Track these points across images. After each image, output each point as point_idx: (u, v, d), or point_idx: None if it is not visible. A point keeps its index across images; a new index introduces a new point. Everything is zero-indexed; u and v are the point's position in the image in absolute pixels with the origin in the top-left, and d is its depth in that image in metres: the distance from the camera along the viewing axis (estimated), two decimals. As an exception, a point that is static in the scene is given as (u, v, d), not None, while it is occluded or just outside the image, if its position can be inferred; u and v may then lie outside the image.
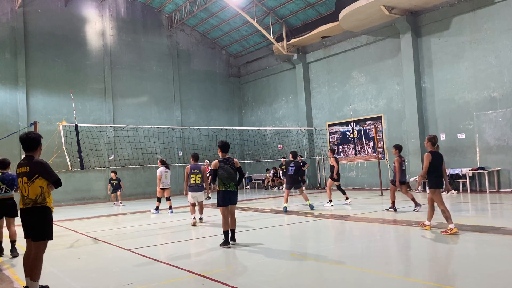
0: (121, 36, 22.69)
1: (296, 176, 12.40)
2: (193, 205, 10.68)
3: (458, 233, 7.53)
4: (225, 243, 7.53)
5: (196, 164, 10.64)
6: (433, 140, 8.03)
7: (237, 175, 7.75)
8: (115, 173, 17.54)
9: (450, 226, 7.63)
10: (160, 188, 13.54)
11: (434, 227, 8.23)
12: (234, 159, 7.70)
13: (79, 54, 21.23)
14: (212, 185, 8.06)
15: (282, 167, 20.49)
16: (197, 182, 10.54)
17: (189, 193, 10.57)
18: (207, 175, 12.33)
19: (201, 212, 10.99)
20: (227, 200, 7.58)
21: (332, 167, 13.56)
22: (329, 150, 14.37)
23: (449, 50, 16.30)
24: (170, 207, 13.50)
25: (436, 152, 7.96)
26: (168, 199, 13.56)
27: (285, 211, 12.14)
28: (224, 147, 7.82)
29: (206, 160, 18.08)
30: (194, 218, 10.52)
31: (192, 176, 10.49)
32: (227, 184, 7.59)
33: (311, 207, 12.36)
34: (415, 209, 10.72)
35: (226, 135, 23.24)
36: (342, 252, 6.90)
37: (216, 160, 7.75)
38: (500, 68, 14.92)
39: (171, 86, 24.14)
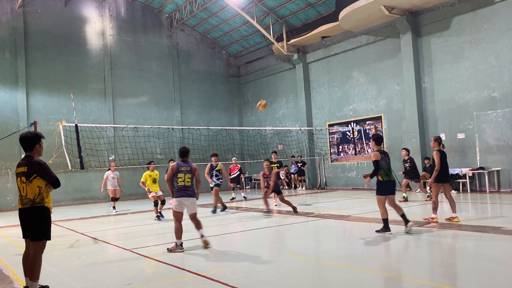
0: (121, 36, 22.69)
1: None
2: (179, 218, 7.49)
3: (437, 223, 8.62)
4: (386, 230, 7.91)
5: (186, 162, 7.72)
6: (439, 140, 9.17)
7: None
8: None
9: (433, 215, 8.85)
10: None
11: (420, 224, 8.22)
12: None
13: (79, 54, 21.22)
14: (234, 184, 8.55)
15: (273, 165, 15.79)
16: (187, 184, 7.52)
17: (175, 199, 7.48)
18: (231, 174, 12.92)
19: (198, 226, 7.66)
20: (388, 190, 7.94)
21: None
22: (404, 149, 14.49)
23: (449, 50, 16.30)
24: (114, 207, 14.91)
25: (443, 151, 9.18)
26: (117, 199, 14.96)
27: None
28: (379, 139, 8.39)
29: (234, 158, 18.32)
30: (182, 245, 7.34)
31: (179, 175, 7.51)
32: (389, 175, 8.00)
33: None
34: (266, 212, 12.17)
35: (226, 135, 23.25)
36: (342, 252, 6.90)
37: (377, 152, 8.11)
38: (500, 68, 14.91)
39: (171, 86, 24.14)
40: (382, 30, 18.46)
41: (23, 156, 5.22)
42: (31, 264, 4.96)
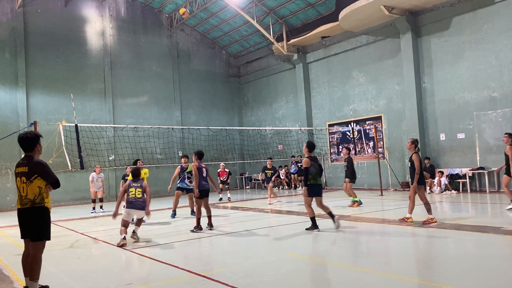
0: (121, 36, 22.69)
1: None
2: (126, 225, 8.60)
3: (436, 222, 8.70)
4: (314, 227, 8.63)
5: (137, 181, 8.88)
6: (416, 143, 9.24)
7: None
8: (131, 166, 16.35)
9: (431, 216, 8.81)
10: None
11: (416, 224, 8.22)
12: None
13: (79, 54, 21.22)
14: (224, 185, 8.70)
15: (267, 171, 15.65)
16: (137, 196, 8.64)
17: (125, 209, 8.68)
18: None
19: (139, 224, 8.90)
20: (315, 192, 8.60)
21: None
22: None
23: (449, 50, 16.29)
24: (101, 207, 15.22)
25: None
26: (101, 200, 15.27)
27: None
28: (311, 147, 8.95)
29: (222, 164, 18.17)
30: (125, 238, 8.32)
31: (131, 190, 8.70)
32: (317, 179, 8.62)
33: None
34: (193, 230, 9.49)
35: (226, 135, 23.25)
36: (342, 252, 6.90)
37: (307, 159, 8.66)
38: (500, 68, 14.91)
39: (171, 86, 24.14)
40: (382, 30, 18.46)
41: (23, 156, 5.22)
42: (31, 264, 4.96)
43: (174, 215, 12.32)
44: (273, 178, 15.54)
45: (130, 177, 9.32)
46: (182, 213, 13.83)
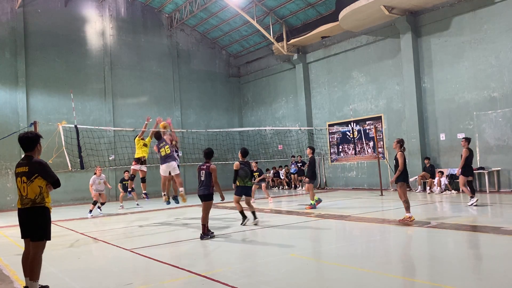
0: (121, 36, 22.69)
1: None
2: (166, 180, 11.29)
3: (414, 220, 8.92)
4: (244, 219, 9.93)
5: (161, 140, 11.35)
6: (402, 142, 9.44)
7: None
8: (129, 172, 15.99)
9: (408, 214, 8.99)
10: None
11: (420, 224, 8.23)
12: (252, 163, 9.56)
13: (79, 54, 21.22)
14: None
15: (254, 173, 15.34)
16: (167, 152, 11.14)
17: (162, 166, 11.24)
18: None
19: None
20: (243, 192, 9.86)
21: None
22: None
23: (449, 50, 16.29)
24: (100, 207, 15.11)
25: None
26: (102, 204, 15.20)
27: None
28: (245, 153, 10.01)
29: (253, 162, 18.08)
30: (165, 194, 11.48)
31: (161, 150, 11.19)
32: (245, 181, 9.77)
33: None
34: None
35: (226, 135, 23.25)
36: (342, 252, 6.90)
37: (238, 162, 9.74)
38: (500, 68, 14.91)
39: (171, 86, 24.13)
40: (382, 30, 18.46)
41: (23, 156, 5.22)
42: (31, 264, 4.96)
43: (168, 202, 11.70)
44: (257, 180, 16.00)
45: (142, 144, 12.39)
46: (180, 211, 13.87)
